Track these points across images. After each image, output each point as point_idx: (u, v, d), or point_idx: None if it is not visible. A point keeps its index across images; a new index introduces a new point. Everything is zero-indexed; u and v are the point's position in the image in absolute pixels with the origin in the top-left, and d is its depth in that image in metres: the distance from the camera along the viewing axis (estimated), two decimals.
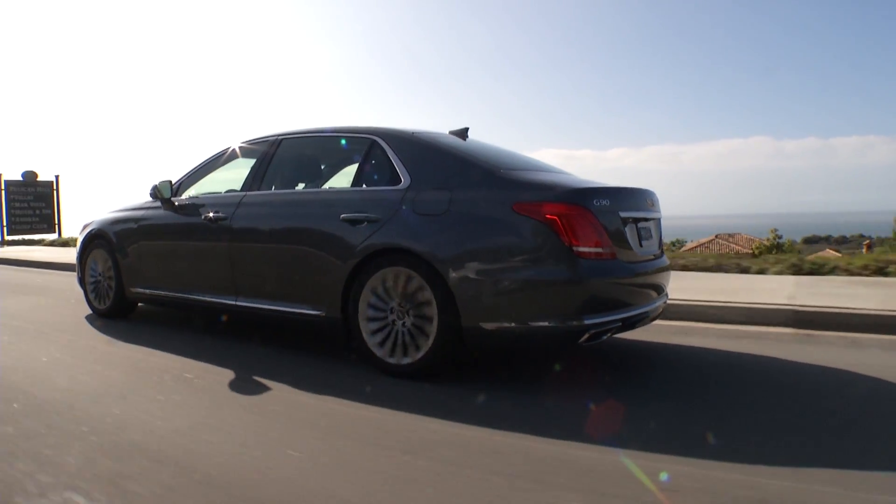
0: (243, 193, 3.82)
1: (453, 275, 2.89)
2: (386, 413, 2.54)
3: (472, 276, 2.88)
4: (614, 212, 3.06)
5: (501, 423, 2.40)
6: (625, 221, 3.12)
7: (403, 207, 3.10)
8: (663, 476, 1.86)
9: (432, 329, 2.94)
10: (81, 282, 4.86)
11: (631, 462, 1.98)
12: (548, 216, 2.83)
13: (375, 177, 3.38)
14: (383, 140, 3.38)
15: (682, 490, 1.81)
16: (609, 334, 2.97)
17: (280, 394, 2.80)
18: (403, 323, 3.05)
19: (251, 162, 4.32)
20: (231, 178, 4.37)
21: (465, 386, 2.90)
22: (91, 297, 4.75)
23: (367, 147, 3.44)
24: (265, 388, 2.87)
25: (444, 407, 2.59)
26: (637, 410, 2.59)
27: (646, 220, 3.36)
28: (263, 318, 3.70)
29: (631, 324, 3.09)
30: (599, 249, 2.90)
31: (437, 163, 3.22)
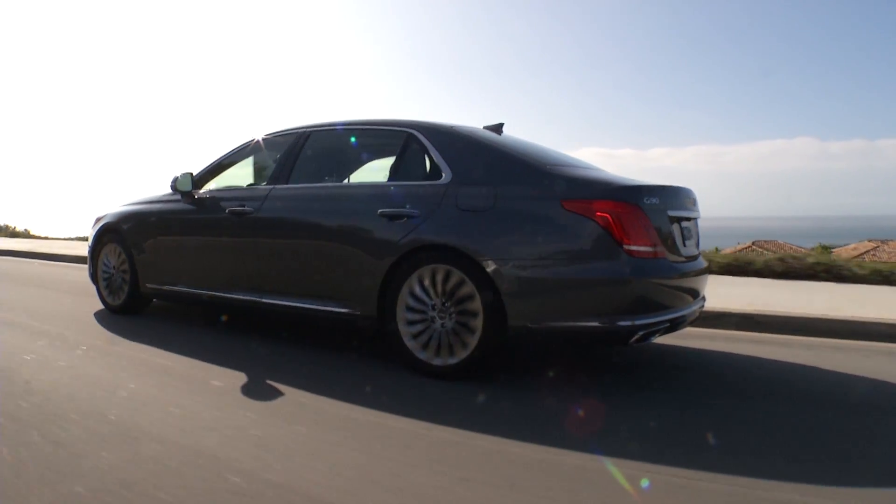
0: (270, 187, 3.69)
1: (500, 273, 2.79)
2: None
3: (519, 274, 2.79)
4: (663, 210, 2.99)
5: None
6: (671, 220, 3.05)
7: (445, 203, 3.00)
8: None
9: (476, 329, 2.85)
10: (93, 277, 4.69)
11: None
12: (598, 213, 2.76)
13: (414, 171, 3.27)
14: (421, 133, 3.27)
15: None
16: (657, 335, 2.90)
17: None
18: (444, 323, 2.94)
19: (275, 156, 4.20)
20: (251, 172, 4.24)
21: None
22: (104, 292, 4.59)
23: (404, 140, 3.33)
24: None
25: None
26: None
27: (688, 219, 3.30)
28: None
29: (675, 326, 3.02)
30: (650, 248, 2.83)
31: (479, 157, 3.11)
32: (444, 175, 3.09)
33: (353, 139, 3.79)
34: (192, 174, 4.05)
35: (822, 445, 2.21)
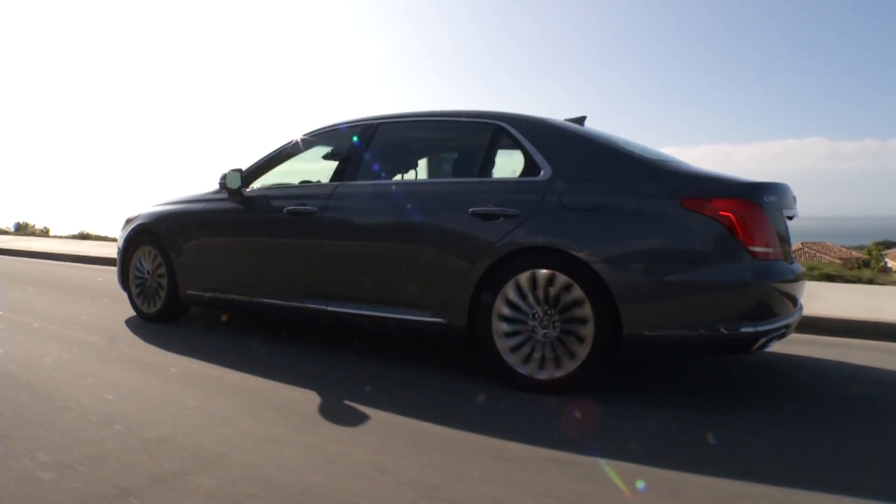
0: (336, 184, 3.40)
1: (615, 277, 2.55)
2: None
3: (637, 278, 2.56)
4: (779, 209, 2.80)
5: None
6: (783, 220, 2.85)
7: (547, 201, 2.75)
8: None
9: (586, 338, 2.60)
10: (124, 283, 4.34)
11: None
12: (721, 213, 2.54)
13: (505, 167, 3.01)
14: (512, 126, 3.01)
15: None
16: (772, 344, 2.69)
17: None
18: (546, 332, 2.69)
19: (325, 150, 3.91)
20: (305, 169, 3.95)
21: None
22: (137, 299, 4.24)
23: (492, 133, 3.07)
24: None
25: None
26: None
27: (790, 218, 3.09)
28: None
29: (785, 333, 2.81)
30: (770, 249, 2.63)
31: (581, 152, 2.86)
32: (542, 171, 2.84)
33: (428, 132, 3.51)
34: (240, 171, 3.74)
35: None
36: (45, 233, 15.30)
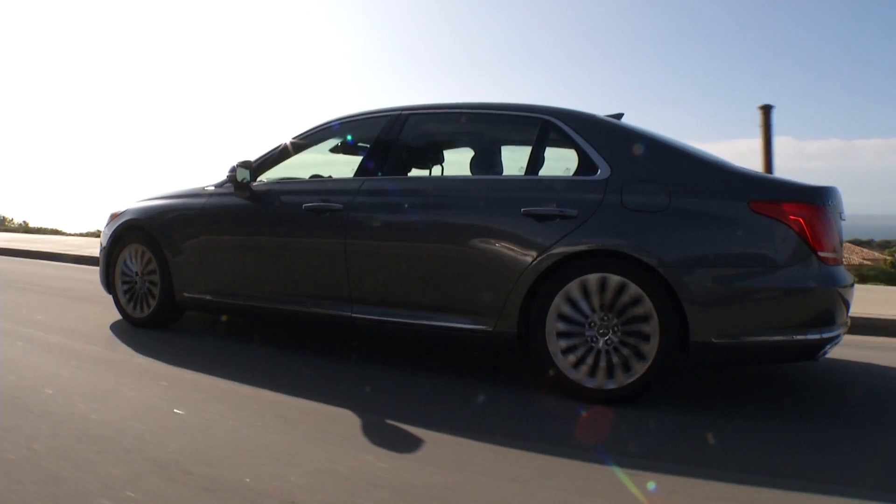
0: (361, 179, 3.14)
1: (683, 282, 2.43)
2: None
3: (705, 283, 2.45)
4: (838, 213, 2.74)
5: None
6: (839, 223, 2.81)
7: (607, 201, 2.59)
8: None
9: (652, 346, 2.47)
10: (109, 284, 3.93)
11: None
12: (791, 217, 2.47)
13: (556, 164, 2.85)
14: (562, 121, 2.84)
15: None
16: (830, 350, 2.65)
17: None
18: (607, 340, 2.54)
19: (334, 143, 3.64)
20: (315, 161, 3.67)
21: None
22: (123, 302, 3.85)
23: (540, 128, 2.89)
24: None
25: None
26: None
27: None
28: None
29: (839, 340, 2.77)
30: (834, 255, 2.60)
31: (639, 151, 2.72)
32: (599, 170, 2.68)
33: (465, 125, 3.29)
34: (250, 163, 3.43)
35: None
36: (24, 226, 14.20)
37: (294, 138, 3.50)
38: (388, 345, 3.45)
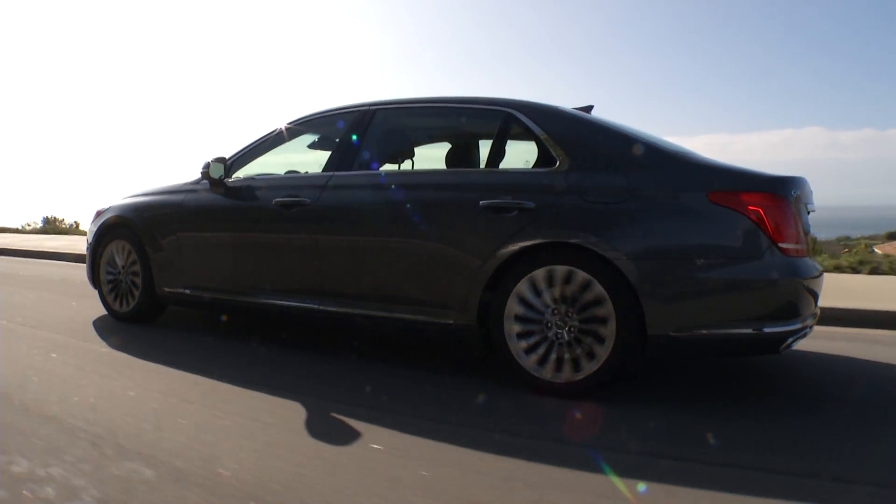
0: (329, 174, 3.17)
1: (639, 275, 2.41)
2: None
3: (662, 276, 2.42)
4: (803, 204, 2.69)
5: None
6: (805, 214, 2.75)
7: (565, 193, 2.58)
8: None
9: (607, 339, 2.45)
10: (94, 280, 4.02)
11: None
12: (750, 207, 2.42)
13: (517, 157, 2.84)
14: (523, 114, 2.83)
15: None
16: (798, 342, 2.60)
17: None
18: (564, 333, 2.52)
19: (311, 139, 3.67)
20: (291, 159, 3.70)
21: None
22: (108, 297, 3.93)
23: (502, 121, 2.88)
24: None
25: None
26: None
27: (809, 212, 3.00)
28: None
29: (807, 332, 2.72)
30: (798, 246, 2.54)
31: (599, 142, 2.70)
32: (558, 162, 2.66)
33: (431, 119, 3.29)
34: (224, 159, 3.47)
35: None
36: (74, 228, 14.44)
37: (269, 133, 3.54)
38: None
